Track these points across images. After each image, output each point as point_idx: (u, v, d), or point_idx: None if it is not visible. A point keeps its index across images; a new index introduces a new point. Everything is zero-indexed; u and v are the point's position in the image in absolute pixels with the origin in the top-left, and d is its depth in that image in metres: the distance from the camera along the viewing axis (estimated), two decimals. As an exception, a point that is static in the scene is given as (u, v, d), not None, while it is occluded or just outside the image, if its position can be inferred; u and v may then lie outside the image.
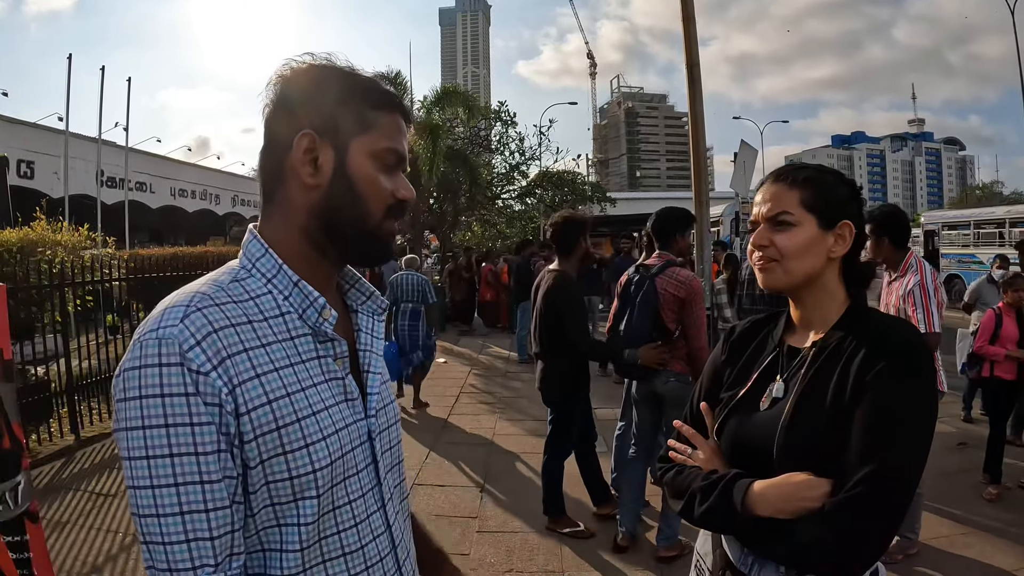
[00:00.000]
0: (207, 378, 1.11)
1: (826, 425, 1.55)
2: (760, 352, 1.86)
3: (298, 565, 1.20)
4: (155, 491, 1.08)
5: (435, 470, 7.19)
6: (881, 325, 1.67)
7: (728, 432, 1.77)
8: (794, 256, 1.70)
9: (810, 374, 1.65)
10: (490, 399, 10.68)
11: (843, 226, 1.73)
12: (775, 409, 1.69)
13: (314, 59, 1.36)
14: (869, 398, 1.52)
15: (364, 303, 1.49)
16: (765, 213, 1.75)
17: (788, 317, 1.86)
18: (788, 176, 1.76)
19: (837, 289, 1.77)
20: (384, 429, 1.42)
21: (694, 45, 10.09)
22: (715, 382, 1.93)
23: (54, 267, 8.13)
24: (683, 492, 1.72)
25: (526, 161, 30.35)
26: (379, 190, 1.33)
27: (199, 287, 1.23)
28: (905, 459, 1.49)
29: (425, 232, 28.95)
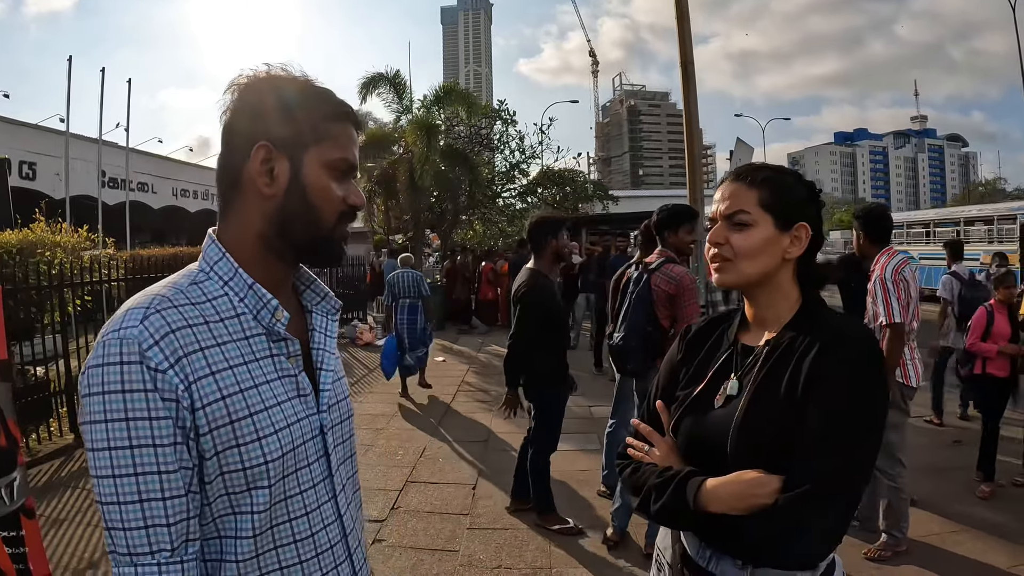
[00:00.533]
0: (164, 375, 1.19)
1: (778, 422, 1.57)
2: (715, 350, 1.88)
3: (251, 551, 1.29)
4: (116, 480, 1.16)
5: (429, 467, 7.23)
6: (832, 323, 1.69)
7: (684, 430, 1.79)
8: (748, 256, 1.72)
9: (763, 372, 1.68)
10: (487, 397, 10.69)
11: (799, 228, 1.75)
12: (729, 407, 1.71)
13: (270, 70, 1.41)
14: (818, 395, 1.55)
15: (319, 304, 1.56)
16: (723, 211, 1.76)
17: (743, 315, 1.88)
18: (747, 176, 1.77)
19: (791, 289, 1.78)
20: (337, 424, 1.50)
21: (688, 43, 10.09)
22: (671, 380, 1.95)
23: (53, 268, 8.18)
24: (639, 488, 1.76)
25: (526, 160, 30.30)
26: (331, 197, 1.40)
27: (159, 290, 1.30)
28: (852, 455, 1.52)
29: (426, 231, 28.93)
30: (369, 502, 6.16)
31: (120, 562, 1.18)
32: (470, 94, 27.60)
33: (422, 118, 23.20)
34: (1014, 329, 6.47)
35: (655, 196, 47.35)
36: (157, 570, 1.17)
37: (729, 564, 1.67)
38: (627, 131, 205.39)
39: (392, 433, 8.63)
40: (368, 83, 24.09)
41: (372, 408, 10.05)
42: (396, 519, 5.83)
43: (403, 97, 24.42)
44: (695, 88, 10.16)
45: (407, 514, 5.93)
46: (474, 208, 29.31)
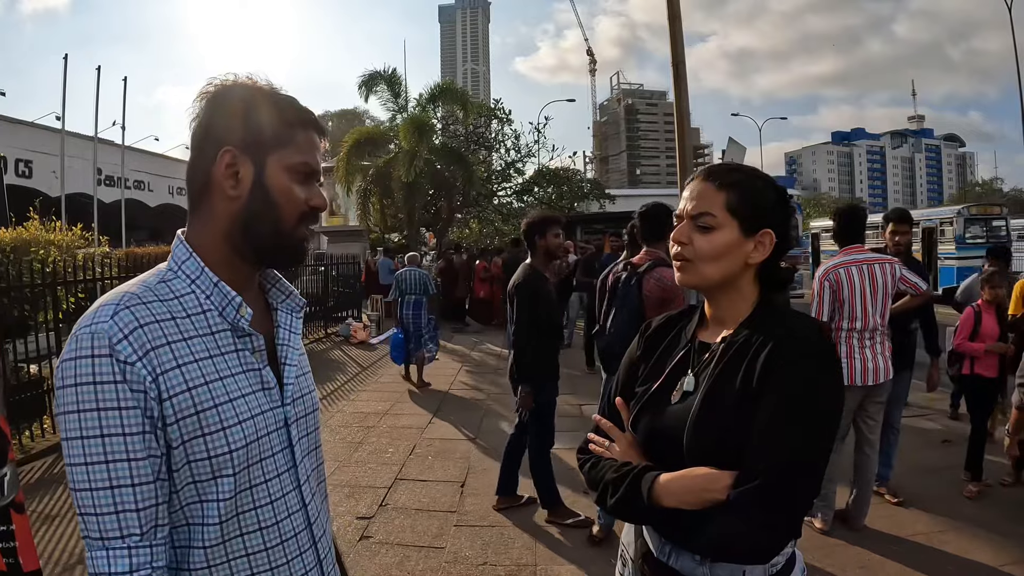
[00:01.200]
0: (133, 368, 1.26)
1: (733, 418, 1.59)
2: (673, 347, 1.89)
3: (218, 537, 1.35)
4: (88, 467, 1.24)
5: (418, 465, 7.26)
6: (786, 321, 1.71)
7: (642, 426, 1.81)
8: (710, 259, 1.73)
9: (719, 369, 1.69)
10: (479, 395, 10.76)
11: (764, 234, 1.74)
12: (686, 403, 1.72)
13: (237, 79, 1.48)
14: (771, 390, 1.57)
15: (283, 301, 1.62)
16: (689, 211, 1.76)
17: (702, 313, 1.88)
18: (717, 177, 1.77)
19: (751, 290, 1.79)
20: (301, 417, 1.56)
21: (680, 43, 10.11)
22: (631, 376, 1.97)
23: (47, 266, 8.21)
24: (598, 483, 1.78)
25: (522, 159, 30.34)
26: (294, 199, 1.47)
27: (129, 287, 1.37)
28: (807, 449, 1.54)
29: (422, 229, 28.96)
30: (358, 499, 6.21)
31: (93, 546, 1.25)
32: (465, 93, 27.66)
33: (416, 116, 23.21)
34: (1002, 329, 6.49)
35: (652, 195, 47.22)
36: (127, 553, 1.24)
37: (688, 559, 1.69)
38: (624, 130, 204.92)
39: (383, 431, 8.66)
40: (367, 81, 24.15)
41: (364, 406, 10.09)
42: (384, 516, 5.85)
43: (399, 95, 24.44)
44: (687, 88, 10.18)
45: (395, 511, 5.96)
46: (469, 207, 29.34)
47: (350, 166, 24.01)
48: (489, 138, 30.58)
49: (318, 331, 17.55)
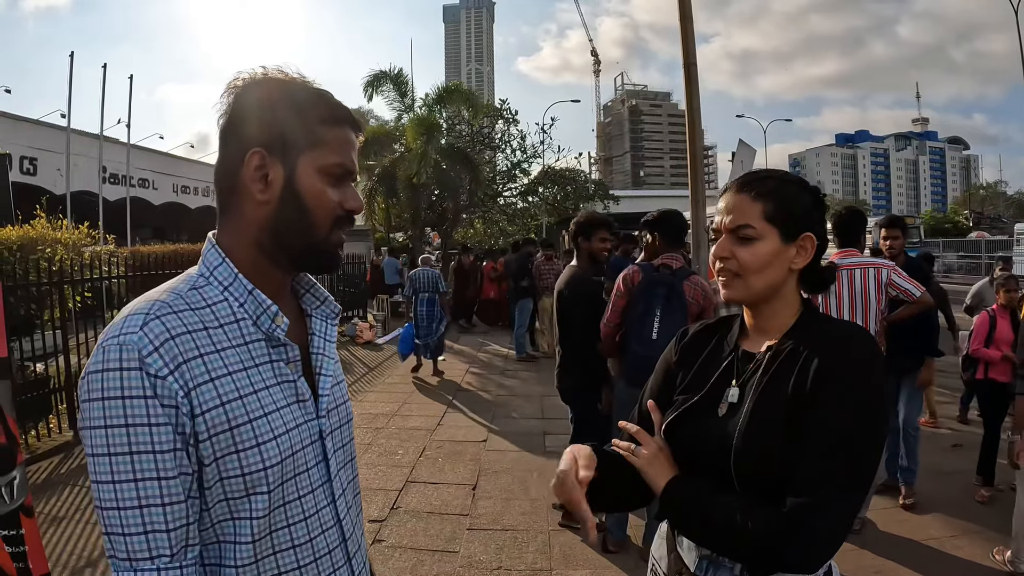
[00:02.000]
0: (164, 381, 1.19)
1: (783, 430, 1.55)
2: (715, 357, 1.85)
3: (250, 556, 1.29)
4: (116, 486, 1.17)
5: (428, 467, 7.21)
6: (835, 331, 1.68)
7: (682, 436, 1.76)
8: (756, 271, 1.70)
9: (766, 379, 1.65)
10: (487, 396, 10.72)
11: (805, 238, 1.71)
12: (733, 415, 1.68)
13: (267, 72, 1.41)
14: (824, 399, 1.53)
15: (318, 308, 1.56)
16: (728, 224, 1.73)
17: (742, 322, 1.85)
18: (752, 187, 1.73)
19: (794, 297, 1.76)
20: (336, 428, 1.50)
21: (691, 44, 10.02)
22: (666, 384, 1.93)
23: (54, 265, 8.18)
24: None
25: (528, 159, 30.35)
26: (327, 203, 1.39)
27: (159, 295, 1.30)
28: (859, 458, 1.51)
29: (427, 229, 28.99)
30: (369, 502, 6.16)
31: (120, 567, 1.18)
32: (472, 93, 27.67)
33: (423, 117, 23.21)
34: (1017, 334, 6.44)
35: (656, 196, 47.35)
36: (156, 575, 1.18)
37: (726, 574, 1.66)
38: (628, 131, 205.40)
39: (392, 432, 8.62)
40: (372, 81, 24.22)
41: (372, 407, 10.04)
42: (396, 519, 5.81)
43: (405, 95, 24.46)
44: (698, 89, 10.11)
45: (407, 514, 5.92)
46: (475, 207, 29.34)
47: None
48: (495, 138, 30.60)
49: (324, 331, 17.31)
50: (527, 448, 7.82)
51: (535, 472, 6.91)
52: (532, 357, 14.19)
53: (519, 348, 14.27)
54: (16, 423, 3.63)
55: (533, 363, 13.77)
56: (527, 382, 11.87)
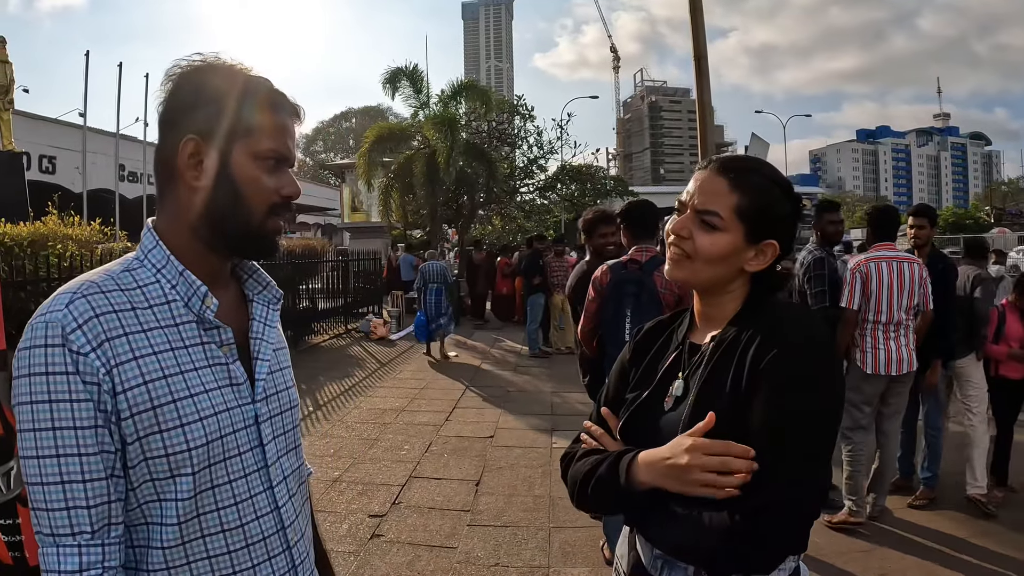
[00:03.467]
0: (86, 359, 1.21)
1: (726, 421, 1.49)
2: (664, 351, 1.81)
3: (177, 538, 1.29)
4: (39, 461, 1.20)
5: (433, 463, 7.20)
6: (777, 314, 1.62)
7: (633, 434, 1.71)
8: (708, 261, 1.63)
9: (708, 370, 1.60)
10: (496, 392, 10.70)
11: (768, 245, 1.64)
12: (678, 409, 1.65)
13: (204, 59, 1.42)
14: (767, 391, 1.48)
15: (260, 293, 1.56)
16: (696, 204, 1.64)
17: (692, 314, 1.81)
18: (733, 174, 1.64)
19: (741, 291, 1.70)
20: (276, 415, 1.49)
21: (702, 37, 9.95)
22: (622, 382, 1.89)
23: (64, 261, 8.22)
24: (576, 478, 1.71)
25: (545, 155, 30.34)
26: (261, 189, 1.41)
27: (90, 276, 1.33)
28: (807, 449, 1.46)
29: (444, 225, 29.02)
30: (371, 497, 6.17)
31: (44, 542, 1.21)
32: (488, 90, 27.66)
33: (442, 112, 23.23)
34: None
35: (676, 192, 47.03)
36: (77, 551, 1.20)
37: (680, 572, 1.62)
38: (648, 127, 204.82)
39: (399, 428, 8.62)
40: (391, 78, 24.25)
41: (381, 403, 10.05)
42: (396, 514, 5.80)
43: (421, 91, 24.48)
44: (709, 82, 10.04)
45: (408, 509, 5.91)
46: (492, 203, 29.37)
47: (372, 162, 24.04)
48: (512, 134, 30.60)
49: (338, 327, 17.57)
50: (534, 445, 7.79)
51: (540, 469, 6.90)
52: (545, 353, 14.22)
53: (532, 344, 14.27)
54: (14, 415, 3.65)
55: (546, 359, 13.78)
56: (538, 379, 11.86)
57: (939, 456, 5.93)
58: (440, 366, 12.89)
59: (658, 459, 1.52)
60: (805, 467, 1.46)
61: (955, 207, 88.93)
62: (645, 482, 1.52)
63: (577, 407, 9.44)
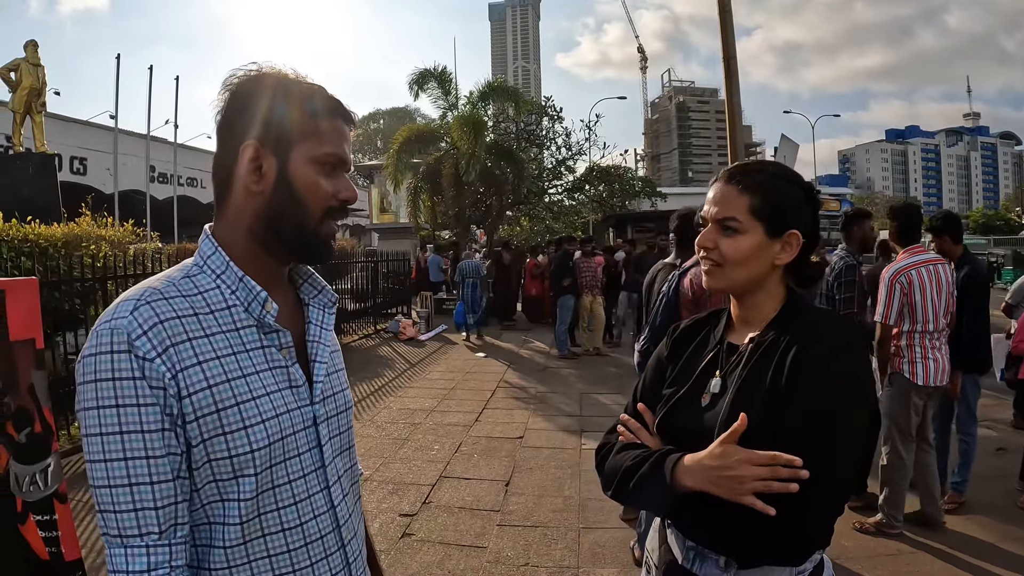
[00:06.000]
0: (152, 364, 1.23)
1: (763, 420, 1.55)
2: (702, 349, 1.87)
3: (239, 538, 1.32)
4: (107, 464, 1.22)
5: (463, 463, 7.23)
6: (813, 318, 1.69)
7: (670, 429, 1.77)
8: (737, 263, 1.71)
9: (747, 370, 1.67)
10: (525, 394, 10.69)
11: (791, 235, 1.72)
12: (714, 406, 1.70)
13: (260, 68, 1.44)
14: (807, 391, 1.54)
15: (315, 297, 1.59)
16: (713, 215, 1.75)
17: (729, 315, 1.87)
18: (740, 180, 1.74)
19: (778, 289, 1.78)
20: (332, 416, 1.52)
21: (731, 38, 9.92)
22: (658, 378, 1.93)
23: (98, 261, 8.33)
24: (616, 471, 1.74)
25: (573, 156, 30.30)
26: (319, 193, 1.43)
27: (152, 282, 1.35)
28: (842, 451, 1.51)
29: (472, 226, 29.06)
30: (401, 496, 6.20)
31: (111, 543, 1.23)
32: (517, 90, 27.64)
33: (469, 114, 23.25)
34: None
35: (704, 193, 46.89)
36: (145, 552, 1.22)
37: (712, 566, 1.66)
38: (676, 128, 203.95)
39: (429, 428, 8.65)
40: (418, 79, 24.31)
41: (411, 403, 10.09)
42: (427, 514, 5.83)
43: (449, 93, 24.52)
44: (738, 84, 10.00)
45: (438, 509, 5.93)
46: (520, 204, 29.37)
47: (400, 163, 24.08)
48: (540, 135, 30.58)
49: (367, 327, 17.63)
50: (563, 446, 7.79)
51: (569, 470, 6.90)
52: (574, 355, 14.16)
53: (561, 346, 14.24)
54: (52, 413, 3.70)
55: (575, 361, 13.72)
56: (567, 380, 11.82)
57: (971, 462, 5.84)
58: (469, 367, 12.88)
59: (705, 467, 1.55)
60: (842, 466, 1.51)
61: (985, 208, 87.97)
62: (690, 486, 1.56)
63: (606, 408, 9.48)
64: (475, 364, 13.29)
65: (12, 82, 14.32)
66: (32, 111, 14.45)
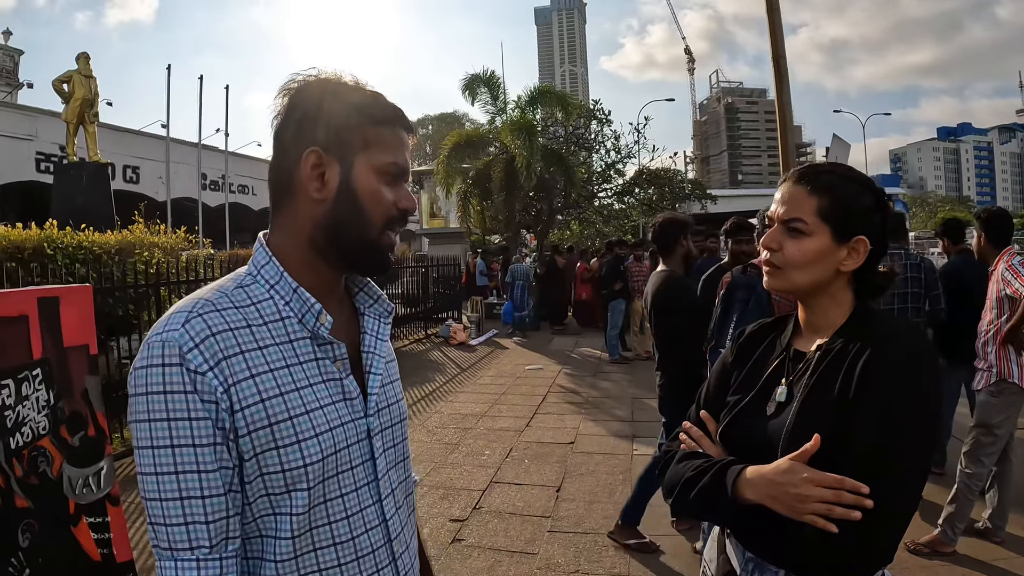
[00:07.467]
0: (204, 377, 1.22)
1: (830, 430, 1.49)
2: (767, 356, 1.82)
3: (290, 551, 1.30)
4: (158, 478, 1.21)
5: (514, 468, 7.21)
6: (885, 329, 1.61)
7: (733, 437, 1.73)
8: (799, 266, 1.66)
9: (813, 379, 1.61)
10: (577, 399, 10.65)
11: (858, 241, 1.65)
12: (780, 415, 1.65)
13: (320, 74, 1.43)
14: (868, 402, 1.49)
15: (371, 306, 1.56)
16: (780, 215, 1.69)
17: (796, 320, 1.81)
18: (809, 180, 1.69)
19: (844, 295, 1.71)
20: (387, 428, 1.50)
21: (780, 37, 9.79)
22: (722, 384, 1.89)
23: (151, 268, 8.46)
24: (677, 481, 1.71)
25: (622, 159, 30.18)
26: (381, 202, 1.41)
27: (204, 293, 1.34)
28: (905, 469, 1.46)
29: (522, 231, 29.06)
30: (452, 501, 6.21)
31: (162, 556, 1.22)
32: (566, 94, 27.59)
33: (519, 119, 23.25)
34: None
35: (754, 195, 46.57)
36: (195, 565, 1.21)
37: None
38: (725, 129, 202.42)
39: (480, 432, 8.66)
40: (468, 84, 24.38)
41: (462, 408, 10.12)
42: (477, 519, 5.82)
43: (497, 98, 24.56)
44: (788, 84, 9.87)
45: (489, 514, 5.93)
46: (570, 208, 29.30)
47: (450, 168, 24.16)
48: (589, 139, 30.50)
49: (418, 332, 17.73)
50: (614, 451, 7.74)
51: (621, 476, 6.83)
52: (625, 359, 14.10)
53: (612, 350, 14.19)
54: (105, 417, 3.74)
55: (626, 365, 13.67)
56: (619, 384, 11.79)
57: None
58: (520, 372, 12.88)
59: (768, 482, 1.51)
60: (908, 484, 1.48)
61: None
62: (751, 499, 1.53)
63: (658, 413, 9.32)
64: (526, 369, 13.26)
65: (65, 93, 14.64)
66: (85, 121, 14.75)
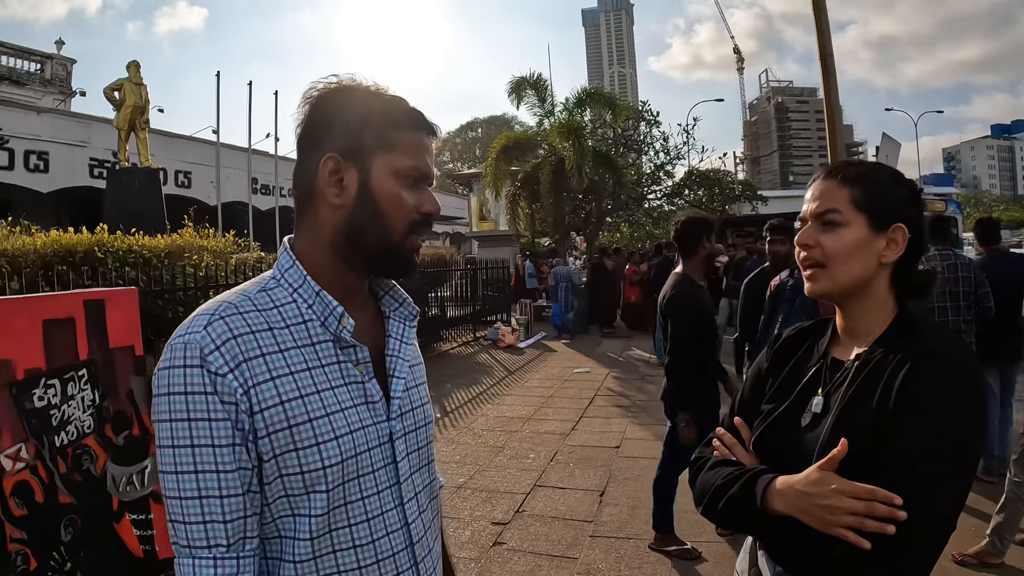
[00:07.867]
0: (224, 379, 1.25)
1: (866, 445, 1.45)
2: (804, 363, 1.76)
3: (309, 553, 1.32)
4: (178, 476, 1.24)
5: (558, 472, 7.19)
6: (929, 339, 1.54)
7: (767, 448, 1.69)
8: (841, 259, 1.59)
9: (851, 390, 1.55)
10: (624, 402, 10.61)
11: (896, 229, 1.60)
12: (816, 427, 1.60)
13: (339, 80, 1.44)
14: (914, 422, 1.42)
15: (396, 310, 1.57)
16: (813, 210, 1.65)
17: (834, 326, 1.75)
18: (839, 172, 1.65)
19: (886, 297, 1.64)
20: (410, 431, 1.50)
21: (827, 35, 9.67)
22: (757, 391, 1.84)
23: (200, 271, 8.58)
24: (707, 488, 1.68)
25: (671, 161, 30.03)
26: (402, 206, 1.41)
27: (227, 296, 1.37)
28: (948, 490, 1.42)
29: (571, 233, 29.03)
30: (495, 504, 6.22)
31: (180, 553, 1.25)
32: (614, 96, 27.55)
33: (568, 121, 23.22)
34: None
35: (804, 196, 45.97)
36: (212, 563, 1.24)
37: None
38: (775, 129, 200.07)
39: (525, 436, 8.66)
40: (515, 87, 24.42)
41: (508, 411, 10.13)
42: (519, 523, 5.82)
43: (545, 100, 24.57)
44: (836, 82, 9.72)
45: (531, 518, 5.92)
46: (619, 210, 29.22)
47: (498, 171, 24.20)
48: (638, 140, 30.38)
49: (467, 335, 17.82)
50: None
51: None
52: (675, 363, 13.90)
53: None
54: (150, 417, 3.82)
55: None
56: (666, 388, 11.63)
57: None
58: (568, 375, 12.85)
59: (798, 492, 1.47)
60: (945, 503, 1.42)
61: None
62: (779, 510, 1.49)
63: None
64: (573, 372, 13.24)
65: (116, 101, 14.90)
66: (136, 128, 15.00)
